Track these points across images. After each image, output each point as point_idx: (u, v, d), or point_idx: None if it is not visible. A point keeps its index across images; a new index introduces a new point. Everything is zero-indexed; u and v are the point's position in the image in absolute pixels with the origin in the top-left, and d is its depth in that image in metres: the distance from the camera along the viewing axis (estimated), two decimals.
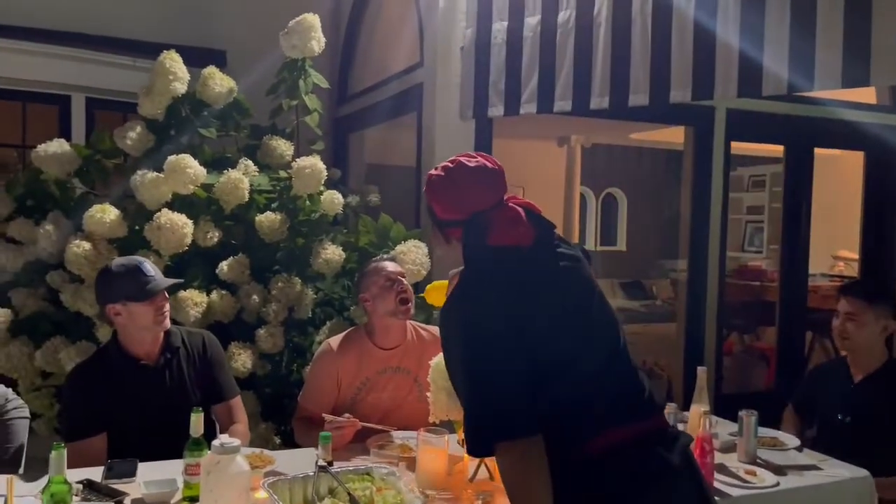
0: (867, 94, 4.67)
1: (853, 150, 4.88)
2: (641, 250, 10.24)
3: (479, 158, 1.68)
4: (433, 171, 1.70)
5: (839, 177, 6.00)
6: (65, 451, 1.60)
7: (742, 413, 2.31)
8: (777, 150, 5.32)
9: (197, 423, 1.87)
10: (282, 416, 3.20)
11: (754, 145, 5.98)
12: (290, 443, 2.81)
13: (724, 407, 3.05)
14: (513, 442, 1.44)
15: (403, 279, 2.51)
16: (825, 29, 2.72)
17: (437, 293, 2.07)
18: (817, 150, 4.61)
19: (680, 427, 2.30)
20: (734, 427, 2.46)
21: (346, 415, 2.26)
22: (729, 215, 8.26)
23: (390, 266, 2.53)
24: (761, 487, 2.07)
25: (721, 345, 4.42)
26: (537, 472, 1.43)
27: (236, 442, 1.62)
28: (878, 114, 4.65)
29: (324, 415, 2.27)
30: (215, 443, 1.61)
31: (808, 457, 2.36)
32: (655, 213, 9.95)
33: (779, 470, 2.21)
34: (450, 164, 1.68)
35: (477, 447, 1.50)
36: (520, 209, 1.64)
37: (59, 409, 3.14)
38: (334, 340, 2.51)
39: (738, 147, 5.90)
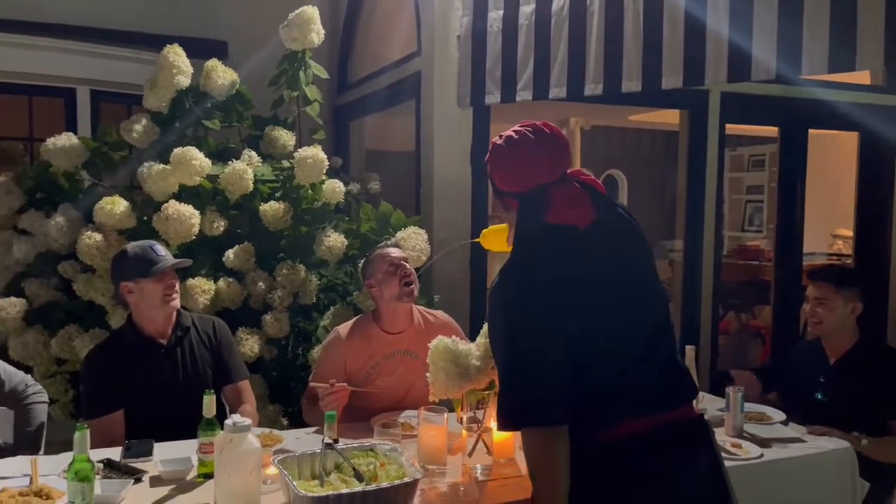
0: (861, 76, 4.72)
1: (847, 130, 4.94)
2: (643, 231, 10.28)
3: (544, 130, 1.67)
4: (496, 140, 1.70)
5: (839, 155, 6.05)
6: (87, 432, 1.72)
7: (728, 389, 2.41)
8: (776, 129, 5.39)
9: (209, 404, 1.99)
10: (288, 398, 3.32)
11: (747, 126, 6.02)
12: (296, 423, 2.92)
13: (720, 384, 3.15)
14: (540, 428, 1.53)
15: (406, 264, 2.61)
16: (812, 15, 2.80)
17: (493, 237, 2.06)
18: (817, 130, 4.68)
19: None
20: (720, 403, 2.56)
21: (332, 380, 2.32)
22: (729, 195, 8.29)
23: (394, 252, 2.63)
24: (745, 459, 2.18)
25: (717, 324, 4.53)
26: (558, 459, 1.52)
27: (248, 421, 1.73)
28: (872, 94, 4.71)
29: (312, 383, 2.36)
30: (228, 422, 1.72)
31: (794, 430, 2.47)
32: (655, 194, 10.00)
33: (764, 443, 2.31)
34: (513, 135, 1.67)
35: (506, 425, 1.61)
36: (582, 188, 1.66)
37: (73, 394, 3.26)
38: (343, 327, 2.62)
39: (739, 127, 5.96)
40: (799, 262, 4.73)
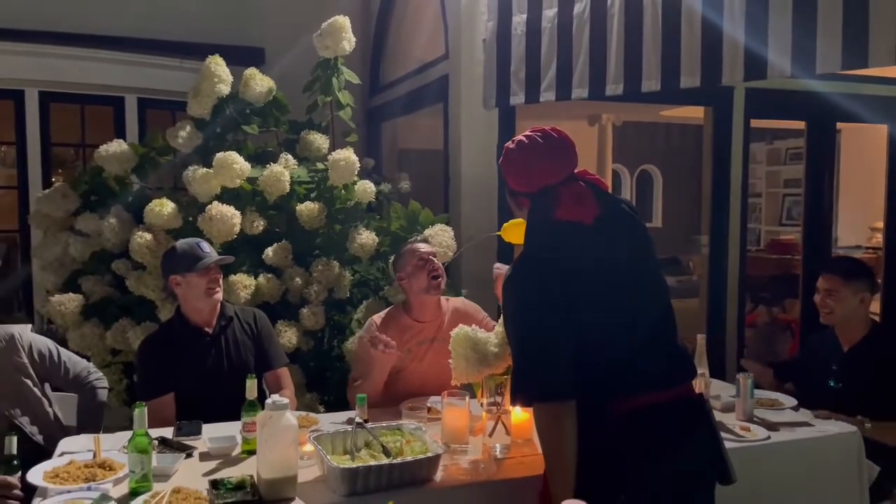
0: (889, 69, 4.74)
1: (876, 123, 4.96)
2: (677, 226, 10.30)
3: (552, 135, 1.83)
4: (508, 144, 1.88)
5: (877, 147, 6.04)
6: (145, 409, 1.94)
7: (739, 375, 2.54)
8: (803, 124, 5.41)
9: (252, 387, 2.20)
10: (324, 386, 3.53)
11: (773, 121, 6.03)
12: (332, 410, 3.12)
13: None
14: (549, 404, 1.70)
15: (435, 258, 2.78)
16: (825, 13, 2.89)
17: (513, 230, 2.20)
18: (845, 123, 4.70)
19: None
20: (732, 389, 2.68)
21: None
22: (766, 189, 8.24)
23: (423, 247, 2.81)
24: (752, 441, 2.31)
25: (742, 317, 4.60)
26: (567, 431, 1.69)
27: (286, 400, 1.92)
28: None
29: (373, 336, 2.55)
30: (268, 401, 1.92)
31: (803, 415, 2.58)
32: (690, 189, 10.00)
33: (772, 426, 2.43)
34: (524, 140, 1.85)
35: (518, 401, 1.79)
36: (587, 186, 1.82)
37: (127, 383, 3.52)
38: (377, 317, 2.81)
39: (770, 122, 5.97)
40: (828, 256, 4.78)
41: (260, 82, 3.69)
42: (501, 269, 3.26)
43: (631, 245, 1.86)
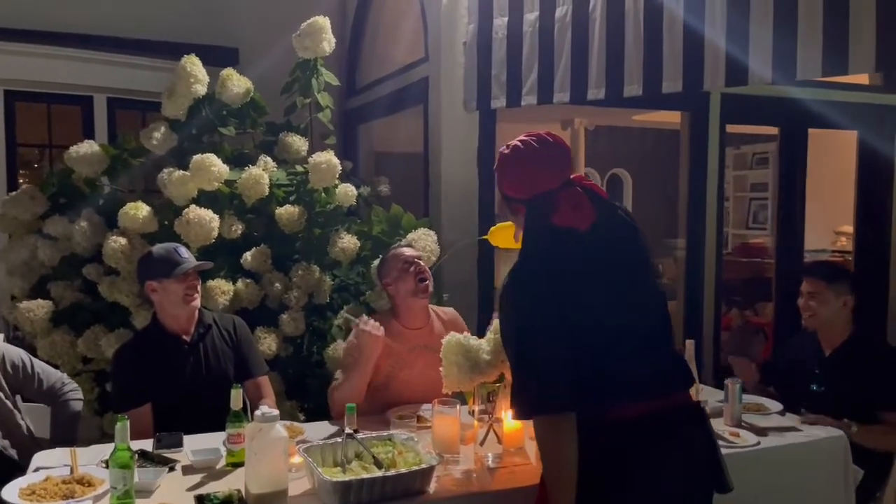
0: (859, 76, 4.83)
1: (846, 129, 5.05)
2: (647, 229, 10.35)
3: (548, 140, 1.81)
4: (503, 150, 1.85)
5: (842, 152, 6.15)
6: (127, 423, 1.85)
7: (727, 381, 2.54)
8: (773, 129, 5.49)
9: (237, 397, 2.13)
10: (304, 394, 3.45)
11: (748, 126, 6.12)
12: (313, 419, 3.05)
13: (722, 378, 3.28)
14: (549, 416, 1.67)
15: (420, 261, 2.74)
16: (805, 22, 2.92)
17: (500, 234, 2.16)
18: (817, 129, 4.78)
19: None
20: (720, 395, 2.69)
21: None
22: (734, 193, 8.34)
23: (407, 251, 2.77)
24: (743, 447, 2.31)
25: (719, 320, 4.65)
26: (567, 443, 1.66)
27: (275, 411, 1.87)
28: (870, 94, 4.82)
29: (359, 319, 2.52)
30: (257, 413, 1.86)
31: (790, 420, 2.60)
32: (660, 193, 10.10)
33: (761, 431, 2.44)
34: (520, 145, 1.82)
35: (519, 414, 1.75)
36: (583, 192, 1.80)
37: (98, 392, 3.40)
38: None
39: (740, 127, 6.05)
40: (800, 259, 4.85)
41: (237, 83, 3.61)
42: None
43: (627, 251, 1.85)
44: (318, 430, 2.47)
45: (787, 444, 2.38)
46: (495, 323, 2.18)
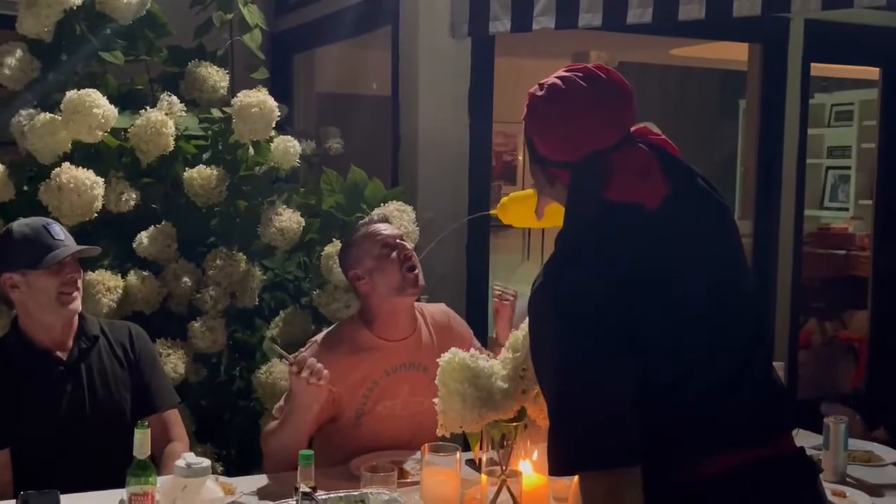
0: None
1: None
2: None
3: (600, 76, 1.73)
4: (536, 91, 1.77)
5: None
6: None
7: (828, 420, 2.55)
8: (871, 71, 5.57)
9: (143, 440, 2.05)
10: (223, 436, 3.42)
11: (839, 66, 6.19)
12: (233, 471, 3.01)
13: (801, 415, 3.32)
14: (606, 472, 1.62)
15: (405, 242, 2.69)
16: None
17: (517, 207, 2.16)
18: None
19: None
20: (815, 439, 2.70)
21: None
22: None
23: (386, 229, 2.69)
24: None
25: (796, 335, 4.71)
26: None
27: (206, 462, 1.82)
28: None
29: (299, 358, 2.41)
30: (180, 463, 1.81)
31: None
32: (702, 155, 10.22)
33: (874, 490, 2.45)
34: (559, 83, 1.73)
35: (559, 469, 1.69)
36: (651, 152, 1.74)
37: None
38: (322, 336, 2.69)
39: (818, 68, 6.13)
40: None
41: None
42: (507, 295, 3.22)
43: (714, 238, 1.82)
44: (254, 487, 2.42)
45: None
46: (514, 336, 2.16)
